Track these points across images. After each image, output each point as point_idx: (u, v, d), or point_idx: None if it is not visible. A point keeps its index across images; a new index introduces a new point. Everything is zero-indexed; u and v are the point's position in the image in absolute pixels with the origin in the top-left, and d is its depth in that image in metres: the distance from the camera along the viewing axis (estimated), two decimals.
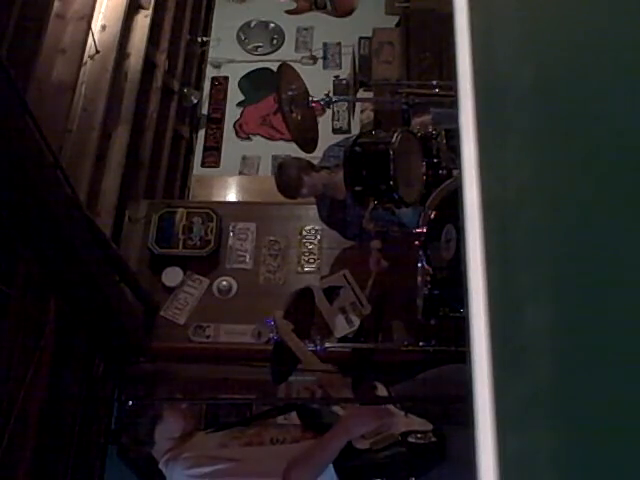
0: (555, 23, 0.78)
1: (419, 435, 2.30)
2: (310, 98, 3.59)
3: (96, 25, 3.72)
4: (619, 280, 0.57)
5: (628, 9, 0.63)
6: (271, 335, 2.66)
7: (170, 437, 2.34)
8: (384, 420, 2.27)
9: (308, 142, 3.60)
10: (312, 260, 3.76)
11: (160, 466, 2.31)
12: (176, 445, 2.32)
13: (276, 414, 2.50)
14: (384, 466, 2.26)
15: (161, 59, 4.72)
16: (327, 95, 3.73)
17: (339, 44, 5.79)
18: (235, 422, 2.52)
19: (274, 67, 4.18)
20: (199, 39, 5.63)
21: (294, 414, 2.47)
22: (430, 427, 2.34)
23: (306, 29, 5.92)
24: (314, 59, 5.73)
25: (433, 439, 2.30)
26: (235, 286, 3.67)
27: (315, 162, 3.50)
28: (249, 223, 3.85)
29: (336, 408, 2.40)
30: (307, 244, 3.80)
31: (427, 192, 2.86)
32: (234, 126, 5.55)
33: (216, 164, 5.41)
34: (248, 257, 3.77)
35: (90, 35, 3.49)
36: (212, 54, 5.79)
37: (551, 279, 0.68)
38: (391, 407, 2.40)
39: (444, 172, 2.94)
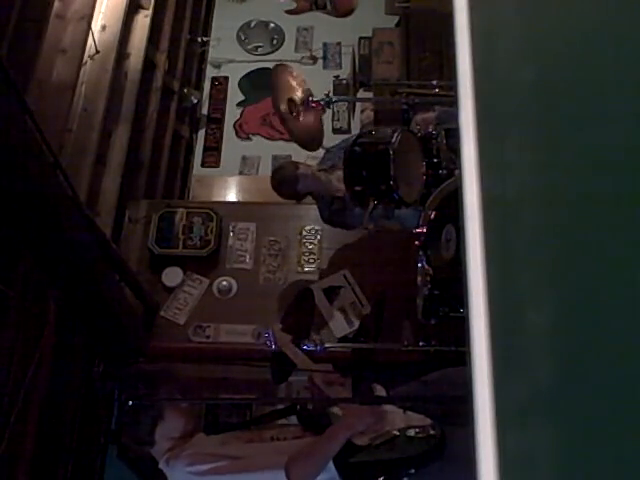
0: (555, 23, 0.78)
1: (418, 430, 2.31)
2: (310, 98, 3.59)
3: (96, 25, 3.71)
4: (619, 280, 0.57)
5: (628, 9, 0.63)
6: (270, 346, 2.66)
7: (171, 436, 2.34)
8: (382, 417, 2.28)
9: (311, 141, 3.60)
10: (312, 260, 3.76)
11: (160, 466, 2.31)
12: (176, 445, 2.32)
13: (276, 417, 2.49)
14: (384, 461, 2.27)
15: (161, 59, 4.72)
16: (327, 95, 3.73)
17: (339, 44, 5.79)
18: (235, 425, 2.53)
19: None
20: (199, 39, 5.62)
21: (293, 417, 2.47)
22: (429, 422, 2.34)
23: (306, 29, 5.92)
24: (314, 59, 5.72)
25: (432, 433, 2.31)
26: (235, 286, 3.67)
27: (314, 163, 3.50)
28: (249, 223, 3.85)
29: (335, 409, 2.41)
30: (307, 244, 3.80)
31: (427, 192, 2.87)
32: (234, 126, 5.55)
33: (216, 164, 5.41)
34: (248, 257, 3.76)
35: (90, 35, 3.49)
36: (212, 54, 5.78)
37: (551, 279, 0.68)
38: (389, 406, 2.40)
39: (444, 172, 2.94)
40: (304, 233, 3.82)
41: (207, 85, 5.72)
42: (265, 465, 2.18)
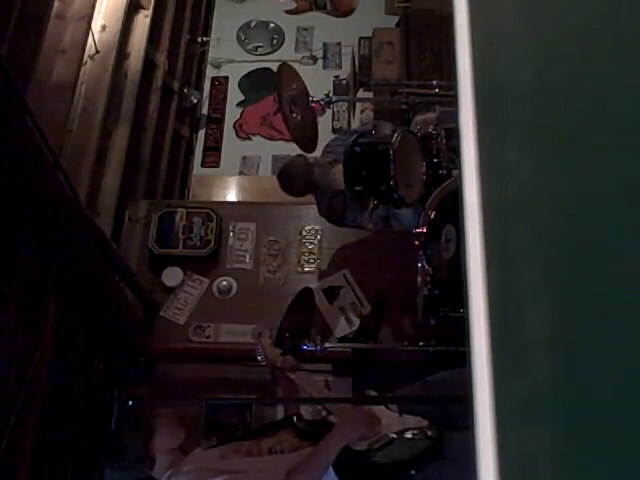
0: (555, 23, 0.78)
1: (415, 432, 2.31)
2: (310, 98, 3.59)
3: (96, 25, 3.71)
4: (619, 280, 0.57)
5: (628, 9, 0.63)
6: (259, 359, 2.66)
7: (168, 448, 2.33)
8: (376, 424, 2.28)
9: (308, 142, 3.60)
10: (312, 260, 3.76)
11: None
12: (175, 459, 2.32)
13: (273, 430, 2.49)
14: (383, 464, 2.27)
15: (161, 59, 4.72)
16: (327, 95, 3.73)
17: (339, 44, 5.79)
18: (232, 438, 2.53)
19: (274, 67, 4.18)
20: (199, 39, 5.63)
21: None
22: (425, 423, 2.34)
23: (306, 29, 5.92)
24: (314, 59, 5.73)
25: (429, 434, 2.31)
26: (235, 286, 3.67)
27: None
28: (249, 223, 3.85)
29: (332, 418, 2.41)
30: (307, 244, 3.80)
31: (427, 192, 2.87)
32: (234, 126, 5.55)
33: (216, 164, 5.41)
34: (248, 257, 3.76)
35: (90, 35, 3.49)
36: (212, 54, 5.78)
37: (551, 279, 0.68)
38: (384, 410, 2.40)
39: (444, 172, 2.94)
40: (304, 233, 3.82)
41: (207, 85, 5.72)
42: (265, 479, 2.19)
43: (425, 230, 2.65)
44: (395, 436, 2.30)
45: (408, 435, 2.30)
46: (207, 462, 2.30)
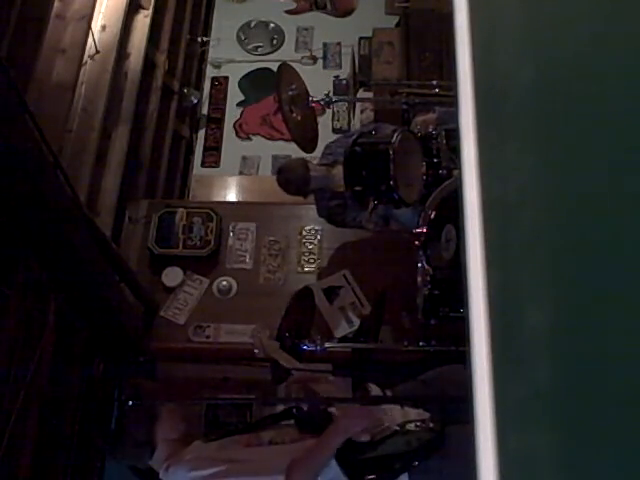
0: (555, 23, 0.78)
1: (417, 424, 2.32)
2: (310, 98, 3.59)
3: (96, 25, 3.72)
4: (619, 280, 0.57)
5: (628, 9, 0.63)
6: (256, 352, 2.66)
7: (169, 438, 2.33)
8: (378, 418, 2.29)
9: (308, 142, 3.60)
10: (312, 260, 3.76)
11: (161, 475, 2.31)
12: (175, 452, 2.32)
13: (273, 421, 2.49)
14: (386, 456, 2.28)
15: (161, 59, 4.72)
16: (327, 95, 3.73)
17: (339, 44, 5.79)
18: (232, 431, 2.53)
19: (274, 67, 4.17)
20: (199, 39, 5.63)
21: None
22: (427, 415, 2.35)
23: (306, 29, 5.92)
24: (314, 59, 5.72)
25: (431, 426, 2.32)
26: (235, 286, 3.67)
27: (315, 162, 3.51)
28: (249, 223, 3.85)
29: (332, 409, 2.41)
30: (307, 244, 3.80)
31: (427, 192, 2.87)
32: (234, 126, 5.55)
33: (216, 164, 5.41)
34: (248, 257, 3.76)
35: (90, 35, 3.49)
36: (212, 54, 5.78)
37: (551, 279, 0.68)
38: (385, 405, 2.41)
39: (444, 172, 2.94)
40: (304, 233, 3.82)
41: (207, 85, 5.72)
42: (265, 470, 2.19)
43: (425, 230, 2.65)
44: (398, 428, 2.31)
45: (410, 427, 2.31)
46: (206, 452, 2.31)
